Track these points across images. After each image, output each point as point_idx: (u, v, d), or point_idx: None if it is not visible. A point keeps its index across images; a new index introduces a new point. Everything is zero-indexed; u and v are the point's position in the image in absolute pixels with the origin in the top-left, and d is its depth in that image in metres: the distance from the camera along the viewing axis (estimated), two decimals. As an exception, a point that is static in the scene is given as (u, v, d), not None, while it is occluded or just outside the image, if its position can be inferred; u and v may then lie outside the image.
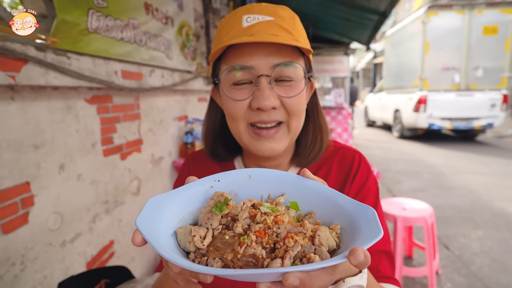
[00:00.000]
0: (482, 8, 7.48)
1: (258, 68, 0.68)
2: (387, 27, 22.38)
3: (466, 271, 2.85)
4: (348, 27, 6.58)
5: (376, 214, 0.46)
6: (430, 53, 7.99)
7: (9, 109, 1.32)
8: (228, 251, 0.43)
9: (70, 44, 1.48)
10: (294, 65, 0.70)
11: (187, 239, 0.46)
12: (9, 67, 1.21)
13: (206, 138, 0.88)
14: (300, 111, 0.74)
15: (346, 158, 0.83)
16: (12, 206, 1.33)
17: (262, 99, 0.67)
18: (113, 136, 2.02)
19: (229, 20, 0.72)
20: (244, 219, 0.49)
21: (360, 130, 12.08)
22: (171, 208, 0.50)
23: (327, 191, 0.55)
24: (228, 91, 0.71)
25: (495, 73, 7.68)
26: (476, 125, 7.86)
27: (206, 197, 0.55)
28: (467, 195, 4.73)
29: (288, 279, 0.36)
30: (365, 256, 0.38)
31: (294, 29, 0.70)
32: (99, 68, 1.72)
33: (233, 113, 0.72)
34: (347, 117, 7.19)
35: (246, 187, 0.58)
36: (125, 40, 1.92)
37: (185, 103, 3.20)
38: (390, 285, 0.72)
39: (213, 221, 0.49)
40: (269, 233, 0.46)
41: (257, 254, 0.43)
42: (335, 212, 0.52)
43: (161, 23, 2.40)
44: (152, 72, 2.33)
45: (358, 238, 0.44)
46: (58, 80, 1.45)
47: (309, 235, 0.46)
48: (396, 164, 6.76)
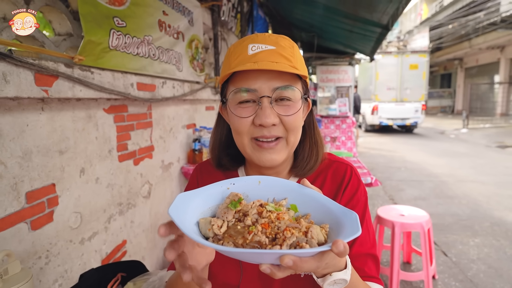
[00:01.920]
0: (408, 54, 13.46)
1: (261, 90, 0.79)
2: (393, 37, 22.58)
3: (462, 277, 2.94)
4: (352, 38, 6.73)
5: (357, 217, 0.59)
6: (380, 79, 13.42)
7: (40, 118, 1.49)
8: (239, 237, 0.56)
9: (94, 61, 1.65)
10: (292, 88, 0.81)
11: (207, 227, 0.59)
12: (43, 82, 1.38)
13: (213, 150, 0.99)
14: (297, 128, 0.85)
15: (339, 171, 0.94)
16: (40, 205, 1.49)
17: (264, 117, 0.78)
18: (128, 143, 2.18)
19: (236, 47, 0.83)
20: (253, 214, 0.61)
21: (364, 139, 12.16)
22: (195, 203, 0.63)
23: (321, 198, 0.68)
24: (235, 109, 0.83)
25: (417, 91, 13.27)
26: (407, 122, 13.16)
27: (223, 196, 0.68)
28: (468, 204, 4.81)
29: (284, 260, 0.48)
30: (344, 247, 0.50)
31: (293, 57, 0.81)
32: (117, 81, 1.89)
33: (238, 129, 0.83)
34: (351, 125, 7.30)
35: (255, 191, 0.71)
36: (141, 55, 2.10)
37: (194, 112, 3.37)
38: (373, 283, 0.83)
39: (228, 215, 0.61)
40: (272, 226, 0.58)
41: (262, 241, 0.55)
42: (326, 215, 0.65)
43: (173, 38, 2.58)
44: (164, 83, 2.50)
45: (341, 234, 0.57)
46: (82, 93, 1.62)
47: (303, 230, 0.58)
48: (399, 173, 6.84)
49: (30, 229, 1.43)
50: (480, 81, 19.76)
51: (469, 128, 13.96)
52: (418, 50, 13.87)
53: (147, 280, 1.41)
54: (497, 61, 17.83)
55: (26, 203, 1.41)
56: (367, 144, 10.83)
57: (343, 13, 4.91)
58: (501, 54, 17.33)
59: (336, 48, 8.48)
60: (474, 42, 17.36)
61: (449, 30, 17.38)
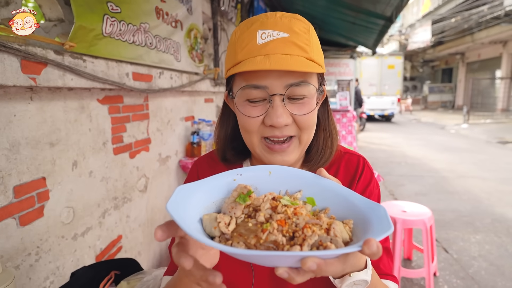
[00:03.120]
0: (387, 56, 16.23)
1: (272, 88, 0.70)
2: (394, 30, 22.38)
3: (464, 274, 2.90)
4: (354, 30, 6.63)
5: (387, 211, 0.51)
6: (363, 76, 15.65)
7: (28, 108, 1.41)
8: (252, 236, 0.48)
9: (86, 48, 1.56)
10: (307, 84, 0.72)
11: (213, 225, 0.51)
12: (30, 70, 1.30)
13: (218, 142, 0.90)
14: (311, 126, 0.77)
15: (352, 163, 0.88)
16: (29, 200, 1.42)
17: (275, 117, 0.70)
18: (123, 135, 2.11)
19: (244, 33, 0.73)
20: (266, 210, 0.53)
21: (364, 133, 12.10)
22: (197, 197, 0.55)
23: (342, 189, 0.60)
24: (243, 107, 0.74)
25: (393, 87, 15.95)
26: (385, 112, 15.69)
27: (229, 189, 0.59)
28: (468, 200, 4.76)
29: (306, 263, 0.40)
30: (377, 247, 0.42)
31: (309, 45, 0.71)
32: (112, 70, 1.81)
33: (247, 128, 0.75)
34: (352, 119, 7.23)
35: (265, 182, 0.63)
36: (137, 43, 2.01)
37: (192, 104, 3.29)
38: (389, 282, 0.77)
39: (236, 210, 0.53)
40: (289, 223, 0.49)
41: (278, 241, 0.46)
42: (348, 209, 0.56)
43: (171, 26, 2.48)
44: (161, 74, 2.41)
45: (370, 232, 0.48)
46: (74, 82, 1.54)
47: (324, 227, 0.49)
48: (399, 168, 6.79)
49: (18, 225, 1.36)
50: (481, 76, 19.66)
51: (469, 123, 13.90)
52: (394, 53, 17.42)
53: (141, 279, 1.35)
54: (499, 56, 17.70)
55: (14, 197, 1.34)
56: (367, 139, 10.77)
57: (346, 4, 4.80)
58: (503, 49, 17.20)
59: (337, 41, 8.38)
60: (477, 37, 17.21)
61: (452, 24, 17.19)
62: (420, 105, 24.87)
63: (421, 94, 25.83)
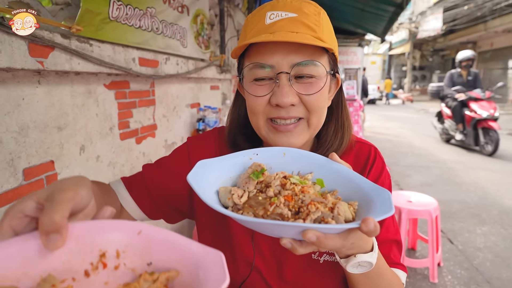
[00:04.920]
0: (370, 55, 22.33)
1: (278, 66, 0.69)
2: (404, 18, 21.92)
3: (468, 265, 2.90)
4: (363, 18, 6.49)
5: (390, 196, 0.53)
6: None
7: (36, 92, 1.41)
8: (260, 208, 0.52)
9: (93, 32, 1.55)
10: (315, 63, 0.70)
11: (227, 196, 0.56)
12: (38, 53, 1.30)
13: (230, 129, 0.88)
14: (320, 108, 0.74)
15: (363, 152, 0.86)
16: (38, 183, 1.44)
17: (280, 96, 0.69)
18: (130, 120, 2.11)
19: (254, 16, 0.74)
20: (276, 186, 0.57)
21: (371, 123, 12.00)
22: (215, 172, 0.60)
23: (351, 174, 0.62)
24: (249, 86, 0.74)
25: (375, 77, 20.97)
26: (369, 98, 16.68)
27: (245, 167, 0.64)
28: (475, 191, 4.73)
29: (307, 234, 0.44)
30: (374, 226, 0.45)
31: (318, 26, 0.70)
32: (118, 55, 1.80)
33: (253, 108, 0.74)
34: (358, 109, 7.17)
35: (279, 163, 0.66)
36: (143, 28, 1.99)
37: (198, 91, 3.27)
38: (399, 270, 0.79)
39: (249, 185, 0.58)
40: (295, 199, 0.53)
41: (284, 214, 0.51)
42: (355, 192, 0.59)
43: (177, 11, 2.46)
44: (168, 59, 2.40)
45: (372, 213, 0.51)
46: (81, 66, 1.53)
47: (329, 206, 0.53)
48: (405, 158, 6.75)
49: (28, 207, 1.38)
50: (493, 66, 19.23)
51: (479, 114, 13.67)
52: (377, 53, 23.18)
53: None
54: (512, 45, 17.27)
55: (24, 180, 1.36)
56: (373, 129, 10.69)
57: (356, -10, 4.70)
58: (517, 38, 16.76)
59: (345, 28, 8.23)
60: (490, 25, 16.75)
61: (464, 12, 16.77)
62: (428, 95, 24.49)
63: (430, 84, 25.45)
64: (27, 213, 0.40)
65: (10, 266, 0.38)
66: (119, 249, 0.44)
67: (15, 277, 0.38)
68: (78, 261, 0.42)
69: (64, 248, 0.40)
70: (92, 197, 0.46)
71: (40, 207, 0.41)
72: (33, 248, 0.39)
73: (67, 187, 0.42)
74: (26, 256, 0.39)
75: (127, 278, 0.44)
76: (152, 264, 0.45)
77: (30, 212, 0.40)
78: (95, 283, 0.42)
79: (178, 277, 0.43)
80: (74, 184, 0.44)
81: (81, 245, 0.42)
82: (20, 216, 0.40)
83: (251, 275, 0.81)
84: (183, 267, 0.43)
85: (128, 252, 0.45)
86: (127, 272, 0.44)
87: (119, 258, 0.44)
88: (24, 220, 0.41)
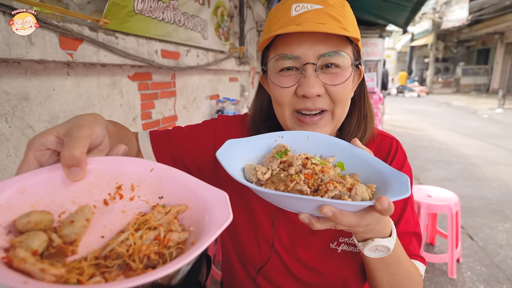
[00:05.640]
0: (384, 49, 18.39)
1: (305, 57, 0.70)
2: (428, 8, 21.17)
3: (489, 262, 2.84)
4: (385, 8, 6.33)
5: (408, 180, 0.54)
6: None
7: (66, 83, 1.48)
8: (281, 184, 0.56)
9: (119, 25, 1.60)
10: (341, 54, 0.71)
11: (252, 173, 0.60)
12: (68, 46, 1.35)
13: (253, 122, 0.89)
14: (345, 99, 0.75)
15: (384, 145, 0.86)
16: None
17: (307, 87, 0.69)
18: (152, 111, 2.17)
19: (278, 9, 0.74)
20: (298, 165, 0.61)
21: (390, 116, 11.77)
22: (242, 151, 0.64)
23: (371, 159, 0.64)
24: (275, 78, 0.74)
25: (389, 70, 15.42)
26: None
27: (270, 148, 0.67)
28: (499, 187, 4.59)
29: (323, 209, 0.46)
30: (389, 205, 0.46)
31: (343, 17, 0.71)
32: (142, 47, 1.84)
33: (279, 99, 0.75)
34: (378, 102, 7.04)
35: (303, 146, 0.69)
36: (166, 20, 2.03)
37: (217, 83, 3.30)
38: (418, 262, 0.79)
39: (273, 164, 0.62)
40: (315, 178, 0.56)
41: (303, 190, 0.54)
42: (375, 176, 0.61)
43: (198, 3, 2.48)
44: (188, 51, 2.43)
45: (388, 194, 0.52)
46: (107, 58, 1.59)
47: (347, 186, 0.55)
48: (425, 152, 6.60)
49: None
50: (521, 58, 18.39)
51: (505, 108, 13.17)
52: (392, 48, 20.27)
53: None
54: (543, 36, 16.43)
55: (54, 167, 1.43)
56: (393, 122, 10.48)
57: (378, -20, 4.58)
58: (548, 28, 15.93)
59: (366, 19, 8.05)
60: (519, 15, 15.98)
61: (492, 1, 16.02)
62: (452, 88, 23.69)
63: (453, 77, 24.55)
64: (49, 146, 0.44)
65: (39, 193, 0.43)
66: (133, 183, 0.50)
67: (44, 203, 0.43)
68: (97, 191, 0.48)
69: (85, 180, 0.46)
70: (106, 135, 0.50)
71: (60, 141, 0.45)
72: (57, 178, 0.45)
73: (84, 124, 0.46)
74: (52, 185, 0.44)
75: (141, 209, 0.49)
76: (163, 198, 0.51)
77: (51, 145, 0.45)
78: (113, 211, 0.48)
79: (187, 211, 0.48)
80: (91, 121, 0.48)
81: (100, 178, 0.48)
82: (42, 149, 0.44)
83: (271, 258, 0.85)
84: (191, 203, 0.49)
85: (141, 186, 0.51)
86: (141, 203, 0.50)
87: (133, 191, 0.50)
88: (46, 152, 0.45)
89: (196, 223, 0.46)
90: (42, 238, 0.38)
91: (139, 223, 0.45)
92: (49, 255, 0.38)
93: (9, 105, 1.23)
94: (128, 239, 0.41)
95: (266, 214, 0.85)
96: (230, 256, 0.95)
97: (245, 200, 0.87)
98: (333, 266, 0.82)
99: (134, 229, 0.44)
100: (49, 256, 0.38)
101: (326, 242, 0.82)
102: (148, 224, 0.45)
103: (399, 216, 0.80)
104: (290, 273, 0.85)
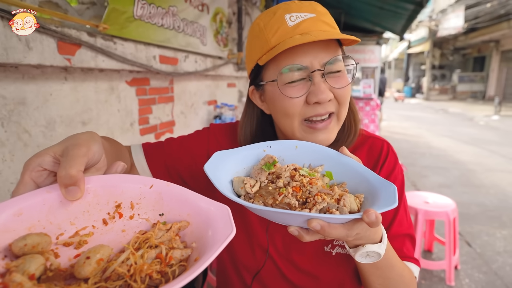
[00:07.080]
0: None
1: (312, 65, 0.71)
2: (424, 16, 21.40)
3: (487, 269, 2.83)
4: (381, 16, 6.38)
5: (396, 189, 0.54)
6: None
7: (63, 88, 1.47)
8: (270, 197, 0.56)
9: (118, 30, 1.60)
10: (340, 59, 0.74)
11: (240, 186, 0.60)
12: (66, 51, 1.35)
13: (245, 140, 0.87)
14: (348, 100, 0.78)
15: (375, 147, 0.87)
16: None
17: (320, 93, 0.70)
18: (149, 116, 2.17)
19: (270, 20, 0.73)
20: (286, 177, 0.60)
21: (388, 122, 11.81)
22: (231, 162, 0.64)
23: (360, 167, 0.64)
24: (284, 90, 0.73)
25: None
26: None
27: (259, 158, 0.67)
28: (496, 194, 4.60)
29: (311, 223, 0.47)
30: (376, 217, 0.46)
31: (334, 22, 0.75)
32: (140, 53, 1.85)
33: (289, 110, 0.74)
34: (375, 108, 7.07)
35: (291, 155, 0.69)
36: (165, 26, 2.04)
37: (215, 88, 3.31)
38: (411, 264, 0.79)
39: (261, 175, 0.62)
40: (303, 190, 0.56)
41: (291, 203, 0.54)
42: (363, 185, 0.61)
43: (197, 10, 2.49)
44: (187, 57, 2.44)
45: (376, 205, 0.53)
46: (105, 63, 1.58)
47: (335, 197, 0.55)
48: (423, 159, 6.62)
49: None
50: (517, 66, 18.59)
51: (501, 115, 13.26)
52: None
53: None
54: (538, 45, 16.64)
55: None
56: (390, 128, 10.52)
57: (375, -12, 4.63)
58: (543, 36, 16.13)
59: (363, 26, 8.11)
60: (514, 23, 16.18)
61: (487, 9, 16.22)
62: (448, 95, 23.88)
63: (449, 84, 24.75)
64: (45, 167, 0.44)
65: (36, 215, 0.42)
66: (133, 201, 0.49)
67: (41, 225, 0.43)
68: (96, 211, 0.47)
69: (83, 199, 0.45)
70: (103, 153, 0.50)
71: (57, 161, 0.45)
72: (55, 199, 0.44)
73: (80, 143, 0.46)
74: (50, 206, 0.43)
75: (141, 227, 0.48)
76: (164, 215, 0.50)
77: (47, 166, 0.44)
78: (113, 231, 0.47)
79: (189, 227, 0.48)
80: (87, 139, 0.48)
81: (98, 197, 0.47)
82: (39, 170, 0.44)
83: (266, 264, 0.84)
84: (192, 218, 0.48)
85: (141, 203, 0.50)
86: (142, 221, 0.49)
87: (133, 209, 0.49)
88: (43, 173, 0.45)
89: (198, 239, 0.45)
90: (39, 261, 0.37)
91: (140, 241, 0.44)
92: (46, 279, 0.37)
93: (6, 109, 1.22)
94: (128, 258, 0.40)
95: (260, 219, 0.85)
96: (224, 263, 0.94)
97: (239, 206, 0.86)
98: (328, 269, 0.83)
99: (134, 248, 0.43)
100: (47, 279, 0.37)
101: (320, 246, 0.82)
102: (149, 243, 0.44)
103: (392, 218, 0.80)
104: (285, 278, 0.85)
